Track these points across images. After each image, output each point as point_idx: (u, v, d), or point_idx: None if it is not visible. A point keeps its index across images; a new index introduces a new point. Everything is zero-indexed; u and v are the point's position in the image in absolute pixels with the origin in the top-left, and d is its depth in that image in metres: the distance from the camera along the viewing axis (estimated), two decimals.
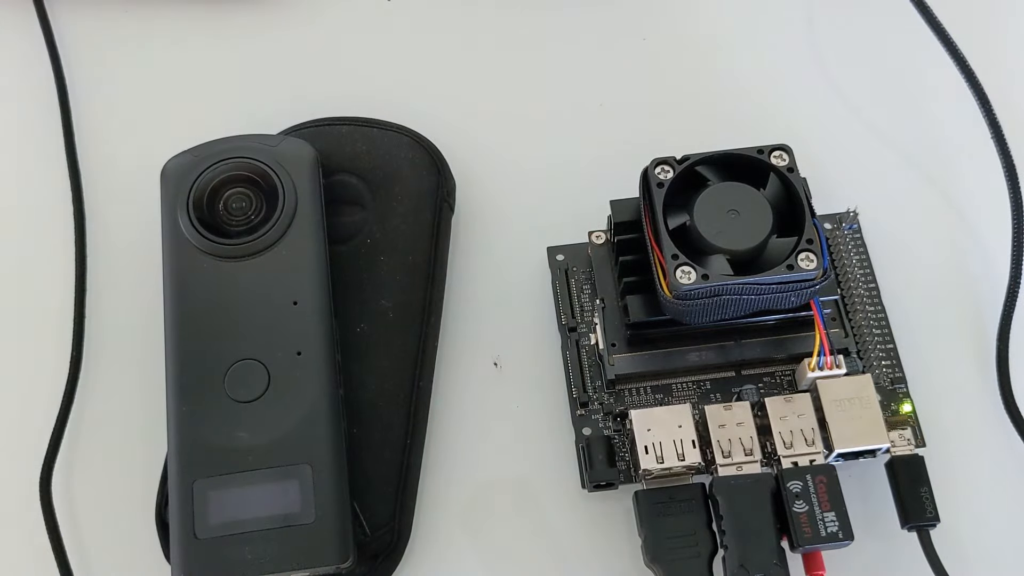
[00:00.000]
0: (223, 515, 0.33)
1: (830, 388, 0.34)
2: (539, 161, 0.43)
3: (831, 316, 0.36)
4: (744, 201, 0.34)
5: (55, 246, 0.42)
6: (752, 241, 0.33)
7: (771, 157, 0.34)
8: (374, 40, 0.46)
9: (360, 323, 0.38)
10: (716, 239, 0.33)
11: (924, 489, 0.33)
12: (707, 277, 0.32)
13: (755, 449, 0.33)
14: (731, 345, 0.36)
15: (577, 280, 0.38)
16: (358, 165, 0.40)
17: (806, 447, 0.33)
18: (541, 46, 0.45)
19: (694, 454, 0.33)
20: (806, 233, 0.33)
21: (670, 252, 0.33)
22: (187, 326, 0.36)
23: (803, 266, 0.33)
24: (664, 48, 0.45)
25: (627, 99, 0.44)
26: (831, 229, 0.38)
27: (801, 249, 0.33)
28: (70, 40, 0.46)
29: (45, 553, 0.36)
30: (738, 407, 0.34)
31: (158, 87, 0.45)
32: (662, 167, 0.35)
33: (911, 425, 0.35)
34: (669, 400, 0.36)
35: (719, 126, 0.43)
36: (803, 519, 0.32)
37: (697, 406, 0.35)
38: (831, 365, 0.34)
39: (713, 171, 0.35)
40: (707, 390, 0.36)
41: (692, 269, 0.33)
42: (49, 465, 0.37)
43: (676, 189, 0.34)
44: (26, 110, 0.45)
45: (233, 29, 0.46)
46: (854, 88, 0.43)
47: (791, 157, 0.34)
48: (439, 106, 0.44)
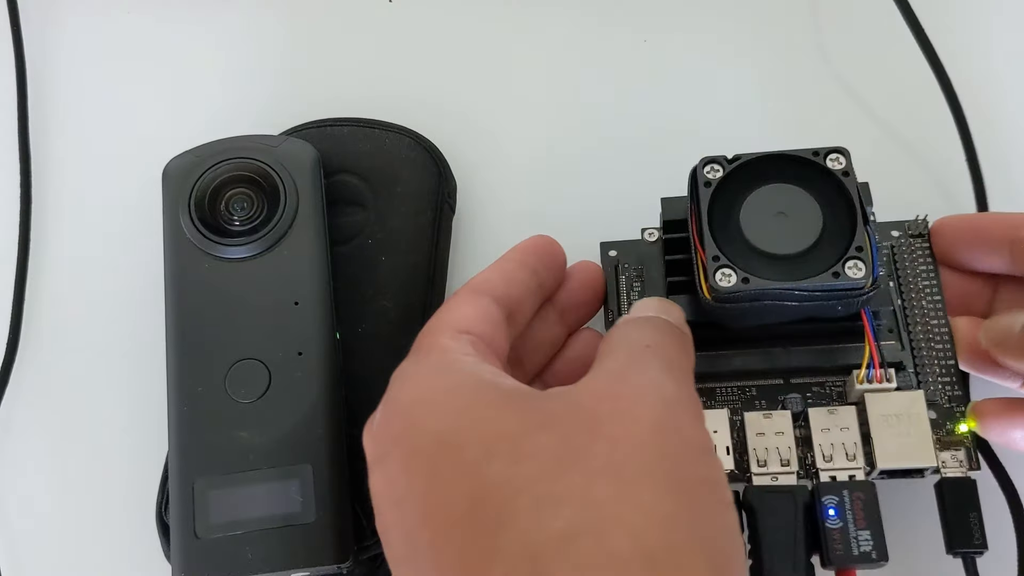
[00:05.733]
0: (223, 515, 0.33)
1: (878, 402, 0.33)
2: (541, 162, 0.43)
3: (887, 327, 0.35)
4: (794, 204, 0.33)
5: (55, 246, 0.42)
6: (798, 245, 0.32)
7: (826, 160, 0.33)
8: (375, 40, 0.46)
9: (361, 323, 0.38)
10: (761, 242, 0.32)
11: (974, 514, 0.31)
12: (748, 281, 0.31)
13: (792, 460, 0.32)
14: (778, 352, 0.35)
15: (628, 277, 0.37)
16: (359, 165, 0.40)
17: (846, 462, 0.32)
18: (543, 46, 0.45)
19: (727, 461, 0.32)
20: (856, 240, 0.31)
21: (712, 253, 0.32)
22: (188, 326, 0.36)
23: (850, 274, 0.31)
24: (665, 49, 0.45)
25: (630, 100, 0.44)
26: (897, 237, 0.37)
27: (850, 256, 0.31)
28: (70, 40, 0.46)
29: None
30: (778, 416, 0.33)
31: (158, 87, 0.45)
32: (711, 166, 0.34)
33: (966, 446, 0.33)
34: (712, 403, 0.35)
35: (728, 130, 0.43)
36: (836, 535, 0.31)
37: (739, 411, 0.34)
38: (880, 378, 0.33)
39: (764, 172, 0.33)
40: (752, 396, 0.35)
41: (733, 271, 0.31)
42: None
43: (724, 189, 0.33)
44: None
45: (234, 29, 0.46)
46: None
47: (847, 160, 0.33)
48: (440, 106, 0.44)
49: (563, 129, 0.43)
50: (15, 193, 0.43)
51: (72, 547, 0.36)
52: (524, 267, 0.33)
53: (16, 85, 0.45)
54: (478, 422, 0.25)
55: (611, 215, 0.38)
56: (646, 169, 0.41)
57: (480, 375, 0.27)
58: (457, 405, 0.26)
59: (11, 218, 0.43)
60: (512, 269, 0.33)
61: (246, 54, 0.46)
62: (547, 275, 0.34)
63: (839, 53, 0.44)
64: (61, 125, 0.45)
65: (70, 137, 0.45)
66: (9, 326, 0.41)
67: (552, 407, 0.25)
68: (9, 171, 0.44)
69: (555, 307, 0.35)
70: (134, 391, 0.39)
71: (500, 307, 0.31)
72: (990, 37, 0.43)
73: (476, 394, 0.26)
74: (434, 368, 0.28)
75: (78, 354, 0.41)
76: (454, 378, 0.27)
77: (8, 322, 0.41)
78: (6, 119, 0.45)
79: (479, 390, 0.26)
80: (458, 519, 0.24)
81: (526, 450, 0.24)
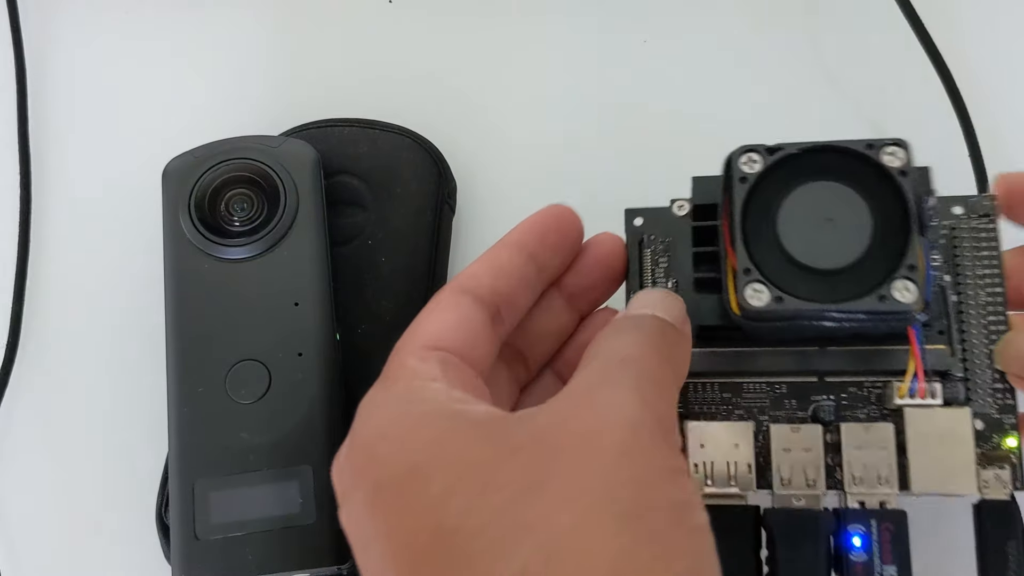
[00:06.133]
0: (224, 516, 0.34)
1: (919, 419, 0.29)
2: (541, 162, 0.43)
3: (937, 329, 0.31)
4: (841, 207, 0.28)
5: (55, 246, 0.42)
6: (842, 258, 0.28)
7: (882, 154, 0.28)
8: (375, 40, 0.46)
9: (361, 324, 0.38)
10: (800, 252, 0.28)
11: (1013, 543, 0.29)
12: (782, 300, 0.28)
13: (819, 480, 0.29)
14: (812, 352, 0.31)
15: (654, 251, 0.33)
16: (359, 166, 0.40)
17: (878, 485, 0.29)
18: (543, 46, 0.45)
19: (748, 479, 0.30)
20: (908, 257, 0.27)
21: (743, 265, 0.28)
22: (188, 327, 0.36)
23: (898, 297, 0.27)
24: (666, 50, 0.45)
25: (630, 101, 0.44)
26: (960, 215, 0.32)
27: (899, 276, 0.27)
28: (70, 40, 0.46)
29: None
30: (808, 431, 0.30)
31: (159, 88, 0.45)
32: (749, 155, 0.29)
33: (1012, 464, 0.30)
34: (738, 399, 0.31)
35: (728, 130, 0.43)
36: (859, 569, 0.28)
37: (766, 411, 0.31)
38: (924, 393, 0.29)
39: (807, 166, 0.29)
40: (782, 394, 0.31)
41: (765, 288, 0.28)
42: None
43: (762, 185, 0.29)
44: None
45: (234, 29, 0.46)
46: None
47: (907, 155, 0.28)
48: (440, 107, 0.44)
49: (564, 129, 0.43)
50: (15, 193, 0.43)
51: (72, 548, 0.36)
52: (520, 253, 0.30)
53: (16, 85, 0.45)
54: (442, 457, 0.24)
55: (612, 215, 0.38)
56: (647, 170, 0.41)
57: (446, 406, 0.26)
58: (422, 439, 0.25)
59: (11, 218, 0.43)
60: (505, 258, 0.30)
61: (246, 54, 0.45)
62: (551, 257, 0.31)
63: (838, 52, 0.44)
64: (61, 125, 0.45)
65: (70, 137, 0.44)
66: (9, 326, 0.41)
67: (518, 436, 0.24)
68: (9, 171, 0.43)
69: (561, 291, 0.33)
70: (134, 392, 0.39)
71: (484, 307, 0.29)
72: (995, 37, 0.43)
73: (441, 427, 0.25)
74: (399, 399, 0.26)
75: (78, 355, 0.41)
76: (418, 410, 0.26)
77: (8, 322, 0.41)
78: (6, 119, 0.45)
79: (444, 422, 0.25)
80: (423, 558, 0.23)
81: (491, 483, 0.23)
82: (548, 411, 0.25)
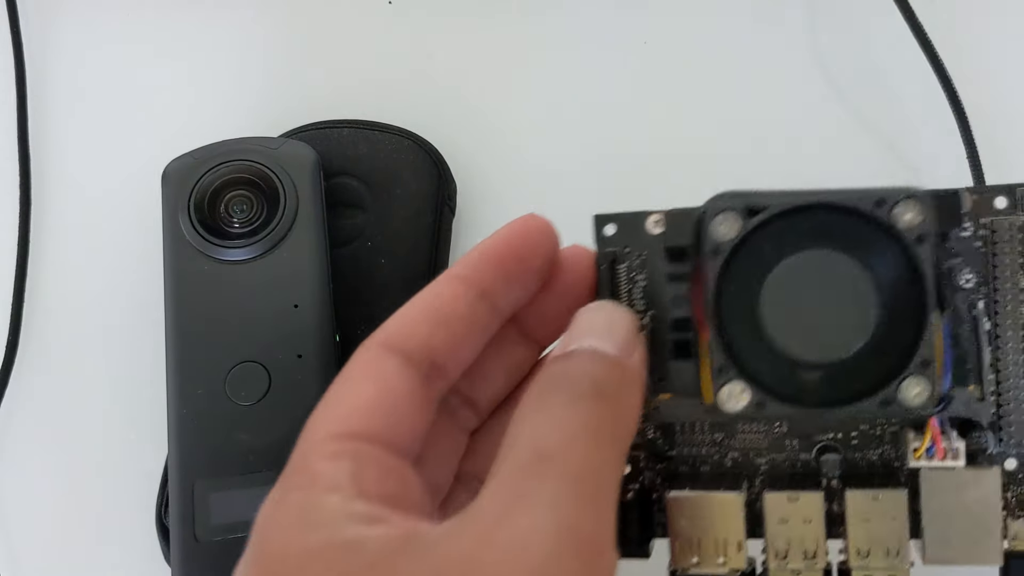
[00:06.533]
0: (224, 517, 0.34)
1: (939, 482, 0.25)
2: (541, 164, 0.43)
3: (968, 368, 0.25)
4: (840, 282, 0.23)
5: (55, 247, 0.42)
6: (840, 351, 0.23)
7: (891, 212, 0.22)
8: (375, 42, 0.46)
9: (361, 326, 0.38)
10: (789, 343, 0.23)
11: None
12: (763, 406, 0.23)
13: (819, 554, 0.25)
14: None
15: (630, 265, 0.27)
16: (359, 168, 0.40)
17: (886, 559, 0.25)
18: (544, 47, 0.45)
19: (739, 558, 0.25)
20: (921, 351, 0.22)
21: (718, 362, 0.23)
22: (188, 328, 0.36)
23: (907, 401, 0.22)
24: (667, 50, 0.45)
25: (630, 101, 0.44)
26: (1003, 209, 0.25)
27: (910, 374, 0.22)
28: (70, 41, 0.46)
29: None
30: (807, 499, 0.25)
31: (159, 89, 0.45)
32: (724, 215, 0.23)
33: None
34: (731, 440, 0.27)
35: (729, 131, 0.43)
36: None
37: (764, 454, 0.27)
38: (944, 454, 0.24)
39: (798, 227, 0.23)
40: (783, 434, 0.27)
41: (745, 389, 0.23)
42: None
43: (742, 254, 0.24)
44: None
45: (234, 30, 0.46)
46: None
47: (926, 213, 0.22)
48: (440, 109, 0.44)
49: (564, 130, 0.43)
50: (15, 193, 0.43)
51: (71, 549, 0.37)
52: (469, 291, 0.25)
53: (16, 85, 0.45)
54: None
55: None
56: (647, 170, 0.41)
57: (339, 534, 0.22)
58: (313, 572, 0.21)
59: (11, 218, 0.43)
60: (448, 299, 0.25)
61: (246, 55, 0.45)
62: (509, 291, 0.26)
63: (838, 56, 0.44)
64: (61, 126, 0.45)
65: (70, 138, 0.44)
66: (9, 326, 0.41)
67: (414, 573, 0.21)
68: (9, 171, 0.43)
69: (519, 325, 0.27)
70: (134, 393, 0.39)
71: (416, 368, 0.25)
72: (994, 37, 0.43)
73: (332, 561, 0.21)
74: (294, 516, 0.23)
75: (78, 355, 0.41)
76: (309, 541, 0.22)
77: (8, 322, 0.41)
78: (6, 119, 0.45)
79: (334, 557, 0.22)
80: None
81: None
82: (450, 544, 0.21)
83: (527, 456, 0.21)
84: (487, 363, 0.27)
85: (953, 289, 0.24)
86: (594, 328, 0.24)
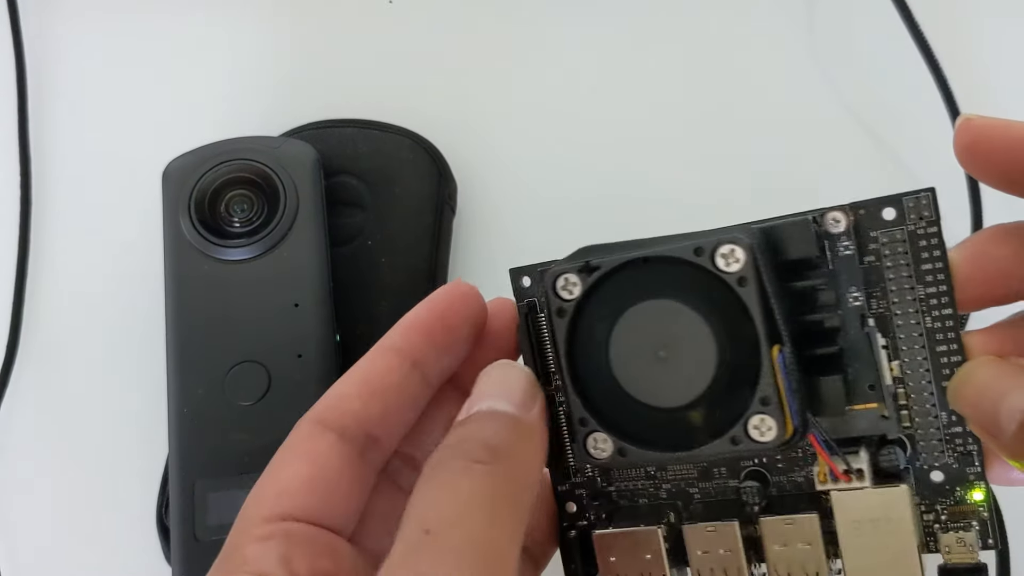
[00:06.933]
0: (223, 517, 0.34)
1: (848, 503, 0.24)
2: (541, 164, 0.43)
3: (867, 383, 0.25)
4: (677, 329, 0.24)
5: (55, 246, 0.42)
6: (684, 396, 0.24)
7: (715, 258, 0.23)
8: (376, 41, 0.45)
9: (361, 325, 0.38)
10: (639, 390, 0.24)
11: None
12: (624, 453, 0.24)
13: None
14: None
15: (549, 313, 0.27)
16: (359, 167, 0.40)
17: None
18: (544, 47, 0.45)
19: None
20: (760, 387, 0.23)
21: (577, 414, 0.25)
22: (188, 328, 0.36)
23: (756, 437, 0.23)
24: (664, 52, 0.45)
25: (631, 104, 0.44)
26: (891, 221, 0.25)
27: (752, 412, 0.23)
28: (70, 40, 0.46)
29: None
30: (723, 529, 0.26)
31: (158, 88, 0.45)
32: (566, 279, 0.25)
33: (980, 519, 0.25)
34: (663, 473, 0.27)
35: (729, 130, 0.43)
36: None
37: (696, 484, 0.27)
38: (848, 478, 0.24)
39: (635, 280, 0.24)
40: (711, 463, 0.27)
41: (606, 439, 0.24)
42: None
43: (588, 312, 0.25)
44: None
45: (234, 29, 0.46)
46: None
47: (747, 255, 0.23)
48: (441, 108, 0.44)
49: (564, 130, 0.43)
50: (15, 193, 0.43)
51: (72, 549, 0.37)
52: (401, 363, 0.25)
53: (16, 85, 0.45)
54: None
55: (613, 214, 0.38)
56: (647, 170, 0.41)
57: None
58: None
59: (11, 218, 0.43)
60: (380, 371, 0.25)
61: (246, 55, 0.45)
62: (439, 359, 0.26)
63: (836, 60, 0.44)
64: (61, 126, 0.45)
65: (70, 138, 0.44)
66: (9, 326, 0.41)
67: None
68: (9, 171, 0.43)
69: (453, 381, 0.27)
70: (133, 393, 0.39)
71: (351, 443, 0.24)
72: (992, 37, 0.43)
73: None
74: None
75: (77, 356, 0.41)
76: None
77: (8, 322, 0.41)
78: (6, 119, 0.45)
79: None
80: None
81: None
82: None
83: (415, 533, 0.21)
84: (426, 422, 0.27)
85: (779, 332, 0.23)
86: (491, 388, 0.25)
